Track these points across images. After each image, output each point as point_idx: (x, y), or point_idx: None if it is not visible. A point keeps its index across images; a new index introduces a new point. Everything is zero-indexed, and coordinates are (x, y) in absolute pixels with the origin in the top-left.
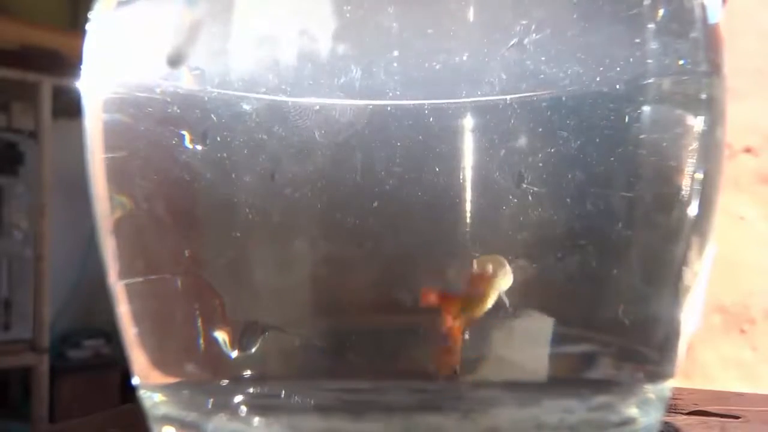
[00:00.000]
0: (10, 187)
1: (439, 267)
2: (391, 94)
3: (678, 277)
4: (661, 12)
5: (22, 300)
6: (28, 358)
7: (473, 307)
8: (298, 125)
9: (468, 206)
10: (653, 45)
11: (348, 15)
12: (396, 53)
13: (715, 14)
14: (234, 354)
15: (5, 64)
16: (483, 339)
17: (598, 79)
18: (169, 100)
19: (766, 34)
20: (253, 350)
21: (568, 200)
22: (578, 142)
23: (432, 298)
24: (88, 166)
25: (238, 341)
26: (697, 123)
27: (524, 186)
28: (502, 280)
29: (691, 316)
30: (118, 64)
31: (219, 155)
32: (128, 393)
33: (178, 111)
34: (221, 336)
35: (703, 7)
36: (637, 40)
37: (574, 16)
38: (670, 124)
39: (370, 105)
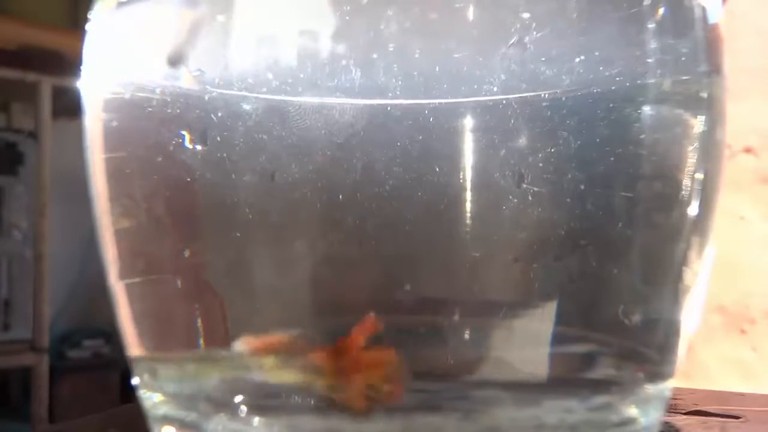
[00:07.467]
0: (10, 187)
1: (439, 267)
2: (391, 94)
3: (678, 277)
4: (661, 12)
5: (22, 300)
6: (28, 358)
7: None
8: (298, 125)
9: (468, 206)
10: (653, 45)
11: (348, 15)
12: (396, 53)
13: (715, 14)
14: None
15: (5, 64)
16: (483, 339)
17: (598, 78)
18: (169, 100)
19: (766, 34)
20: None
21: (568, 200)
22: (578, 142)
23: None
24: (88, 166)
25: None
26: (697, 123)
27: (524, 186)
28: None
29: (691, 316)
30: (118, 64)
31: (219, 155)
32: (128, 393)
33: (178, 111)
34: (221, 336)
35: (703, 7)
36: (637, 40)
37: (574, 15)
38: (670, 124)
39: (370, 105)
